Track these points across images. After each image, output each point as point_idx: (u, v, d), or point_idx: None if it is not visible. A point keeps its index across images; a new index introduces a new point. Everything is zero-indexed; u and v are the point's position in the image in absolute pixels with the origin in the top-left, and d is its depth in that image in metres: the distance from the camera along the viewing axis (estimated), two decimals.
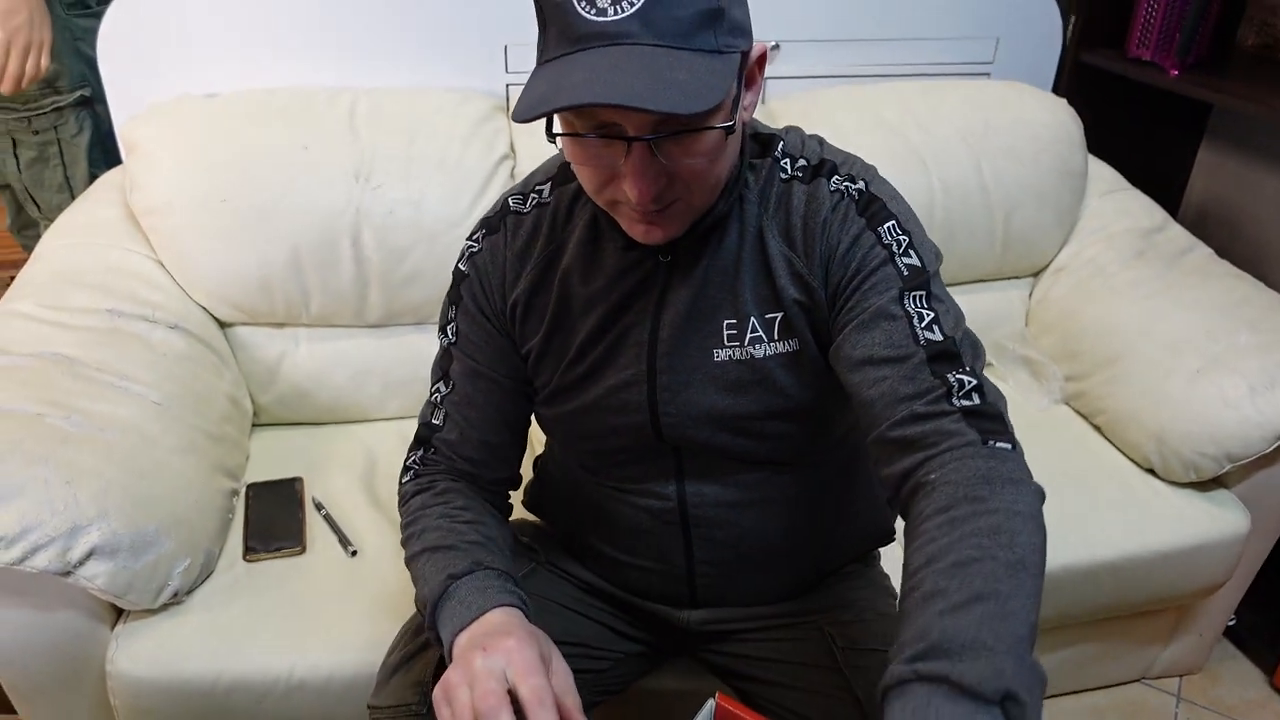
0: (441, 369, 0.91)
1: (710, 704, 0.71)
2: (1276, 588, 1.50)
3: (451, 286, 0.91)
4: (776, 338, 0.81)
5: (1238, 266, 1.51)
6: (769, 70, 1.68)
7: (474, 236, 0.89)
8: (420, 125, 1.42)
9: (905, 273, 0.76)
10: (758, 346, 0.82)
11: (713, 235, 0.81)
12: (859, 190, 0.79)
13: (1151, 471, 1.36)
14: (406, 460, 0.92)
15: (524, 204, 0.88)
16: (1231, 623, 1.53)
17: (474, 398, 0.89)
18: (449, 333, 0.91)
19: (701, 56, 0.65)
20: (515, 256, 0.87)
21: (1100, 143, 1.78)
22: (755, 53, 0.74)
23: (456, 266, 0.90)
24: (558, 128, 0.71)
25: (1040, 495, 0.69)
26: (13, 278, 1.61)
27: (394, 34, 1.54)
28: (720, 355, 0.82)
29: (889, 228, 0.78)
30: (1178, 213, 1.98)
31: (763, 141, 0.84)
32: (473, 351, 0.89)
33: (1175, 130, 1.92)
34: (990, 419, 0.71)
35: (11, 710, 1.41)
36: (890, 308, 0.75)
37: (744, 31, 0.70)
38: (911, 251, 0.77)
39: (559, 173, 0.87)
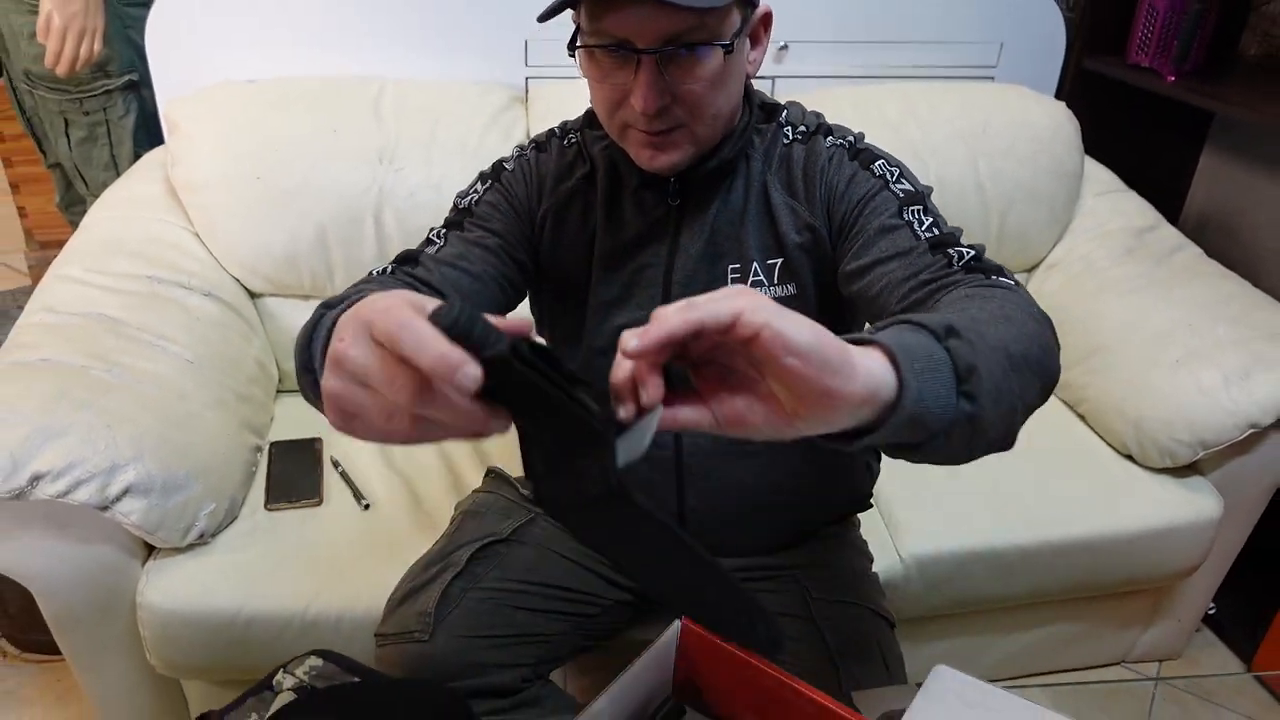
0: (450, 221, 0.91)
1: (676, 625, 0.78)
2: (1254, 577, 1.54)
3: (489, 170, 0.95)
4: (776, 282, 0.90)
5: (1237, 272, 1.55)
6: (778, 70, 1.77)
7: (524, 148, 0.96)
8: (443, 113, 1.51)
9: (900, 195, 0.84)
10: (758, 290, 0.89)
11: (721, 185, 0.90)
12: (849, 142, 0.89)
13: (1130, 457, 1.41)
14: (374, 268, 0.86)
15: (563, 138, 0.96)
16: (1211, 611, 1.57)
17: (486, 240, 0.89)
18: (469, 200, 0.92)
19: None
20: (555, 172, 0.94)
21: (1104, 147, 1.83)
22: (760, 11, 0.83)
23: (500, 161, 0.95)
24: (583, 54, 0.80)
25: (1048, 319, 0.70)
26: None
27: (422, 28, 1.63)
28: None
29: (879, 164, 0.86)
30: (1179, 217, 2.02)
31: (768, 110, 0.93)
32: (494, 220, 0.91)
33: (1178, 136, 1.97)
34: (993, 270, 0.75)
35: (56, 652, 1.52)
36: (890, 221, 0.82)
37: None
38: (904, 179, 0.85)
39: (585, 121, 0.96)
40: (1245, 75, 1.79)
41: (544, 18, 0.77)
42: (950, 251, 0.77)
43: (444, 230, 0.90)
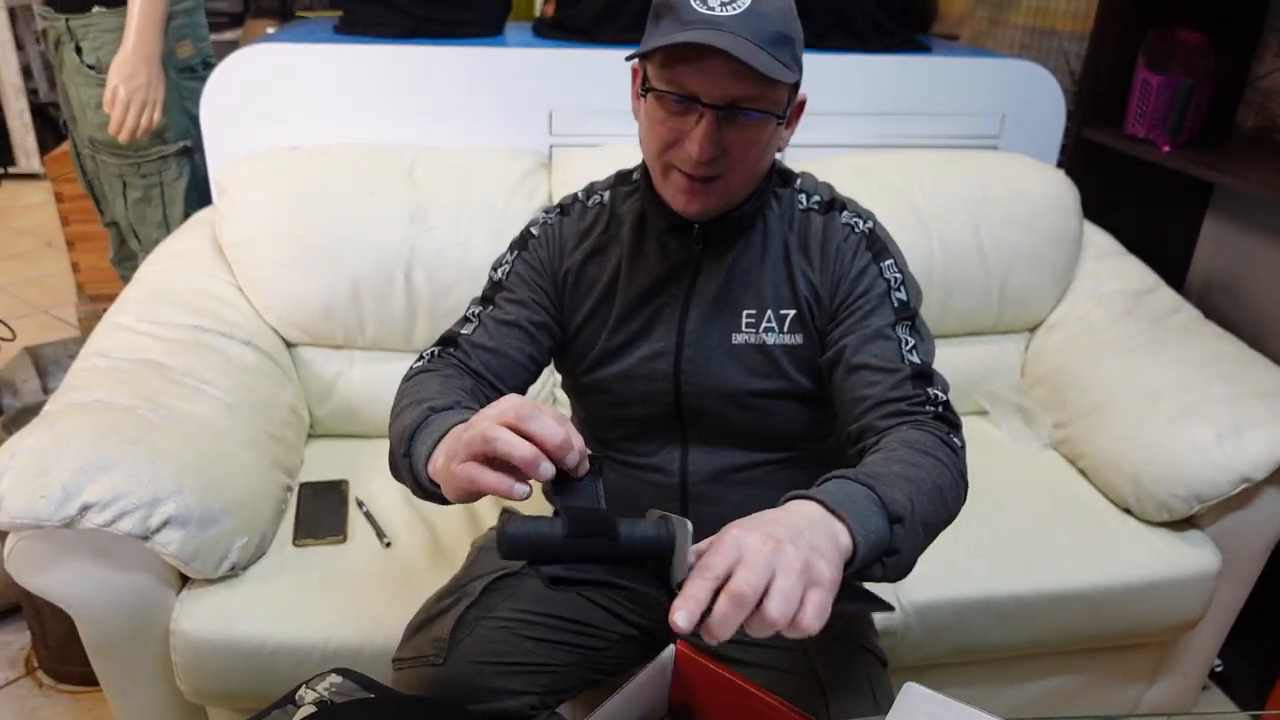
0: (485, 296, 1.04)
1: (670, 649, 0.83)
2: (1260, 632, 1.55)
3: (517, 239, 1.07)
4: (786, 331, 0.99)
5: (1242, 335, 1.60)
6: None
7: (549, 213, 1.07)
8: (471, 178, 1.62)
9: (897, 305, 0.96)
10: (769, 335, 0.99)
11: (740, 236, 0.99)
12: (868, 229, 0.99)
13: (1129, 511, 1.45)
14: (424, 350, 1.00)
15: (587, 200, 1.07)
16: (1218, 668, 1.58)
17: (512, 315, 1.01)
18: (501, 272, 1.05)
19: (774, 60, 0.85)
20: (576, 234, 1.05)
21: (1107, 214, 1.91)
22: (799, 98, 0.95)
23: (527, 229, 1.07)
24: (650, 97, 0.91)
25: (965, 483, 0.88)
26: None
27: (454, 99, 1.75)
28: (738, 339, 0.99)
29: (888, 265, 0.98)
30: (1184, 283, 2.07)
31: (783, 176, 1.04)
32: (521, 290, 1.02)
33: (1180, 204, 2.03)
34: (953, 424, 0.90)
35: (89, 683, 1.58)
36: (886, 330, 0.94)
37: (801, 67, 0.90)
38: (903, 288, 0.97)
39: (616, 180, 1.07)
40: (1241, 146, 1.86)
41: (639, 55, 0.89)
42: (928, 392, 0.91)
43: (479, 309, 1.03)
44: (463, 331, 1.01)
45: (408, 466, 0.82)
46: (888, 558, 0.72)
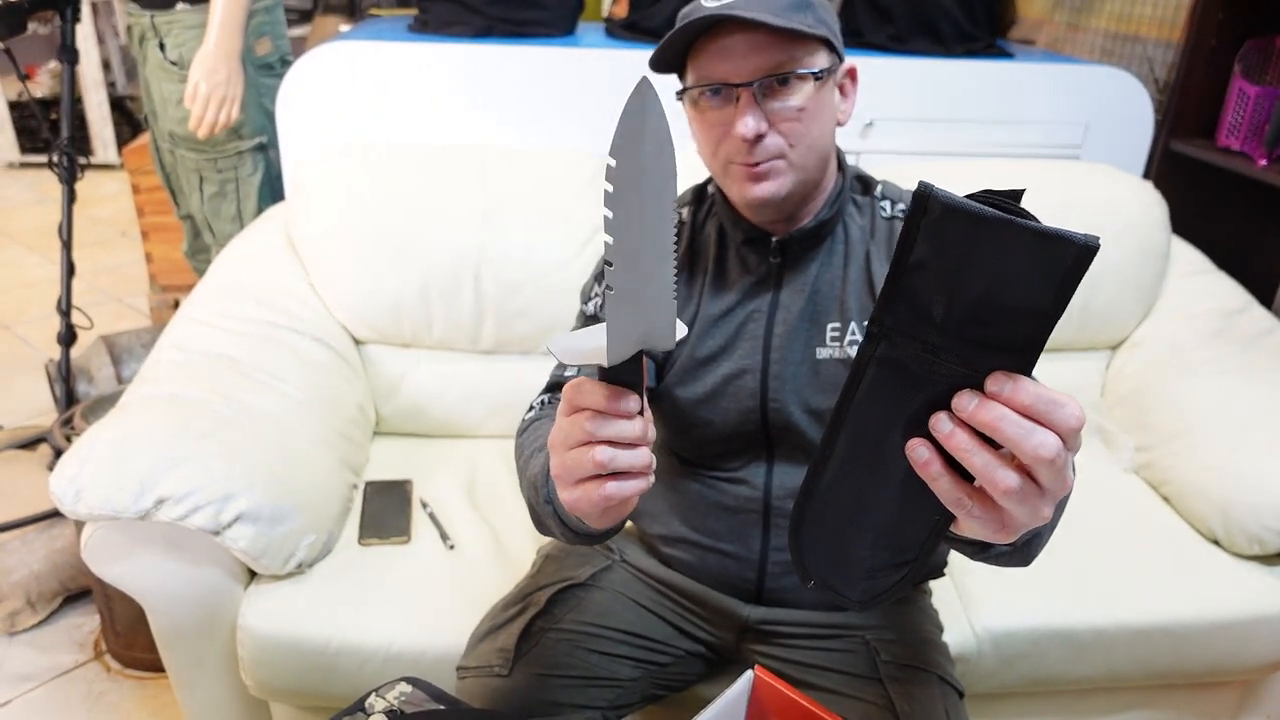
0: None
1: (749, 675, 0.81)
2: None
3: (599, 268, 1.05)
4: None
5: None
6: (863, 145, 1.82)
7: None
8: (541, 180, 1.61)
9: None
10: (853, 348, 0.96)
11: (820, 246, 0.97)
12: None
13: (1216, 542, 1.38)
14: (533, 401, 0.99)
15: None
16: None
17: None
18: (593, 305, 1.04)
19: (788, 18, 0.85)
20: None
21: (1194, 229, 1.83)
22: (846, 65, 0.93)
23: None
24: (688, 105, 0.92)
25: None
26: (177, 302, 1.84)
27: (526, 99, 1.74)
28: (822, 353, 0.96)
29: None
30: (1274, 300, 1.98)
31: (865, 182, 1.01)
32: None
33: (1274, 219, 1.95)
34: None
35: (155, 670, 1.61)
36: None
37: (829, 26, 0.88)
38: None
39: (692, 197, 1.06)
40: None
41: (659, 59, 0.89)
42: None
43: None
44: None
45: (552, 513, 0.80)
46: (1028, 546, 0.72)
